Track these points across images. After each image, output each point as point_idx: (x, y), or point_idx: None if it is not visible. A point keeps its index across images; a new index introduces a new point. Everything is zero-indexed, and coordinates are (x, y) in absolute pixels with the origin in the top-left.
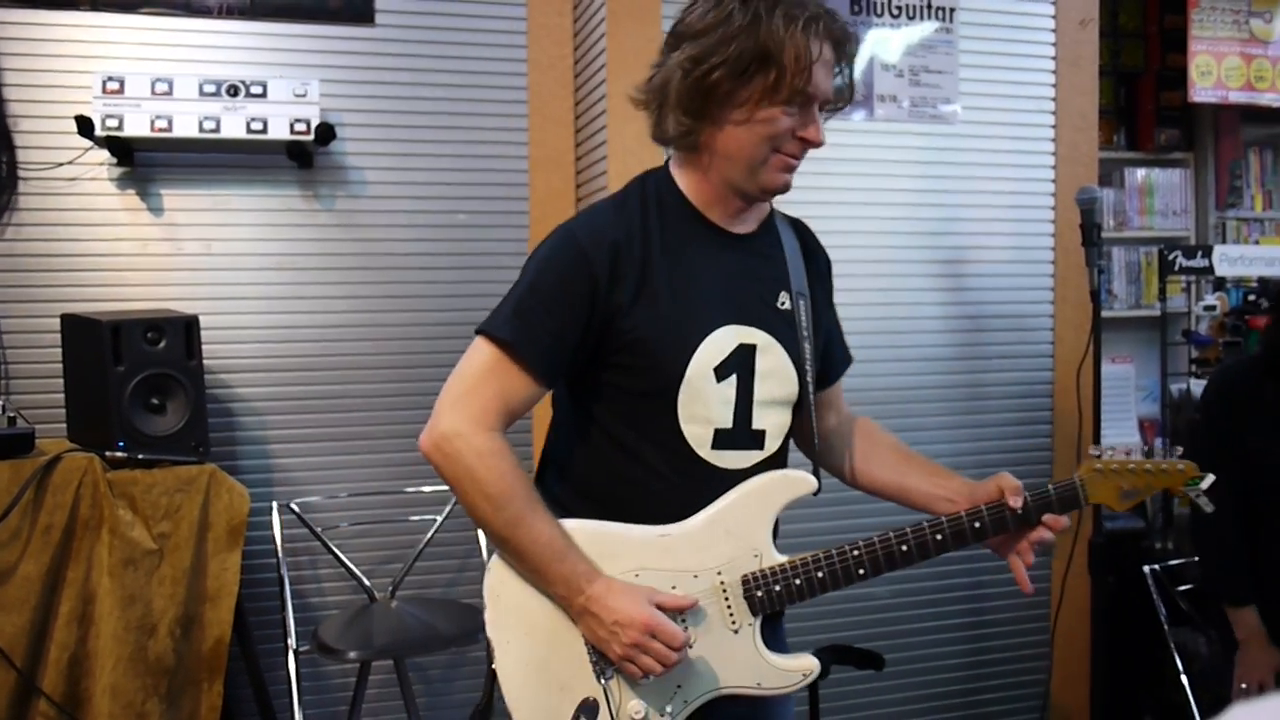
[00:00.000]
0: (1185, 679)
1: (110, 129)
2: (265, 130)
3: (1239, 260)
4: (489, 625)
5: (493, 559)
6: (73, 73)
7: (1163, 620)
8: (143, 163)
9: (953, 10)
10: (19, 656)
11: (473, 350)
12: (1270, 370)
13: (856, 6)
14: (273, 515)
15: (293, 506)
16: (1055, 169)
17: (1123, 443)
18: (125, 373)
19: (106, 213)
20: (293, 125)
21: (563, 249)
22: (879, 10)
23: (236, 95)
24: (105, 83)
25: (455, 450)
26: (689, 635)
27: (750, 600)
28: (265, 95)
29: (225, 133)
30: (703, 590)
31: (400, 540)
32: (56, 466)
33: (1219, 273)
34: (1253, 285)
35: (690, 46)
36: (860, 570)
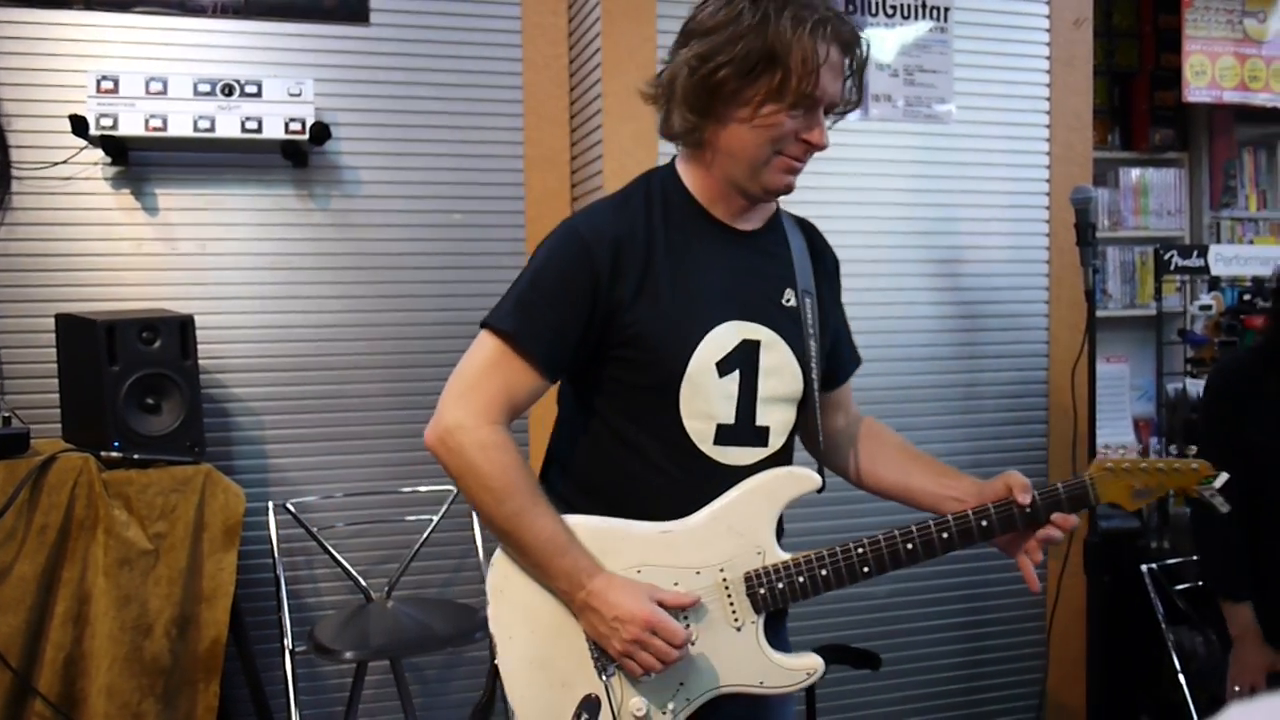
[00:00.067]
0: (1183, 678)
1: (105, 128)
2: (260, 130)
3: (1234, 260)
4: (491, 621)
5: (496, 554)
6: (67, 72)
7: (1160, 620)
8: (137, 162)
9: (947, 10)
10: (14, 657)
11: (476, 345)
12: (1271, 363)
13: (851, 6)
14: (269, 515)
15: (288, 506)
16: (1050, 169)
17: (1118, 442)
18: (120, 372)
19: (101, 212)
20: (287, 124)
21: (565, 244)
22: (874, 10)
23: (231, 94)
24: (100, 82)
25: (459, 444)
26: (690, 632)
27: (753, 597)
28: (260, 94)
29: (220, 132)
30: (705, 587)
31: (396, 540)
32: (52, 466)
33: (1214, 272)
34: (1247, 285)
35: (699, 44)
36: (865, 569)
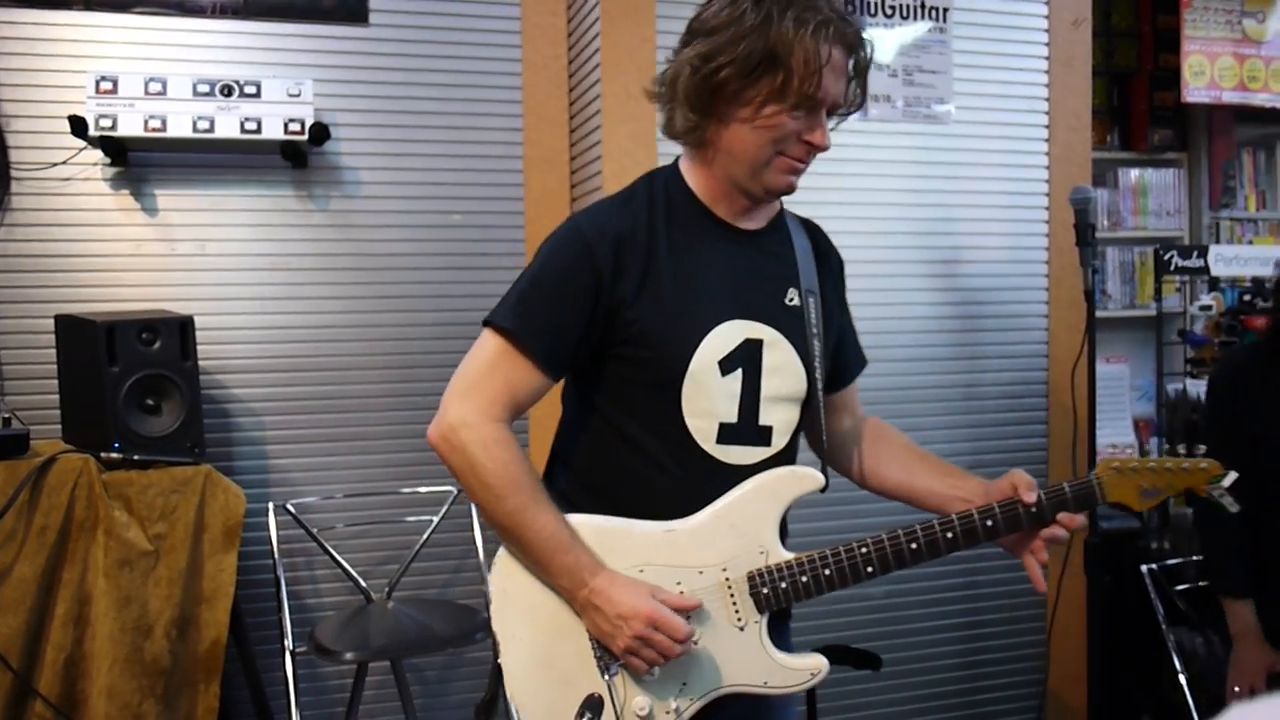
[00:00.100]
0: (1183, 679)
1: (104, 129)
2: (259, 130)
3: (1234, 260)
4: (494, 619)
5: (499, 553)
6: (66, 72)
7: (1161, 620)
8: (137, 163)
9: (946, 10)
10: (15, 658)
11: (479, 343)
12: (1275, 356)
13: (850, 6)
14: (269, 516)
15: (289, 507)
16: (1049, 169)
17: (1119, 442)
18: (120, 373)
19: (100, 213)
20: (287, 125)
21: (567, 242)
22: (873, 10)
23: (230, 95)
24: (99, 82)
25: (461, 441)
26: (693, 630)
27: (756, 597)
28: (259, 95)
29: (219, 133)
30: (707, 587)
31: (397, 541)
32: (52, 468)
33: (1214, 273)
34: (1247, 285)
35: (702, 43)
36: (868, 568)
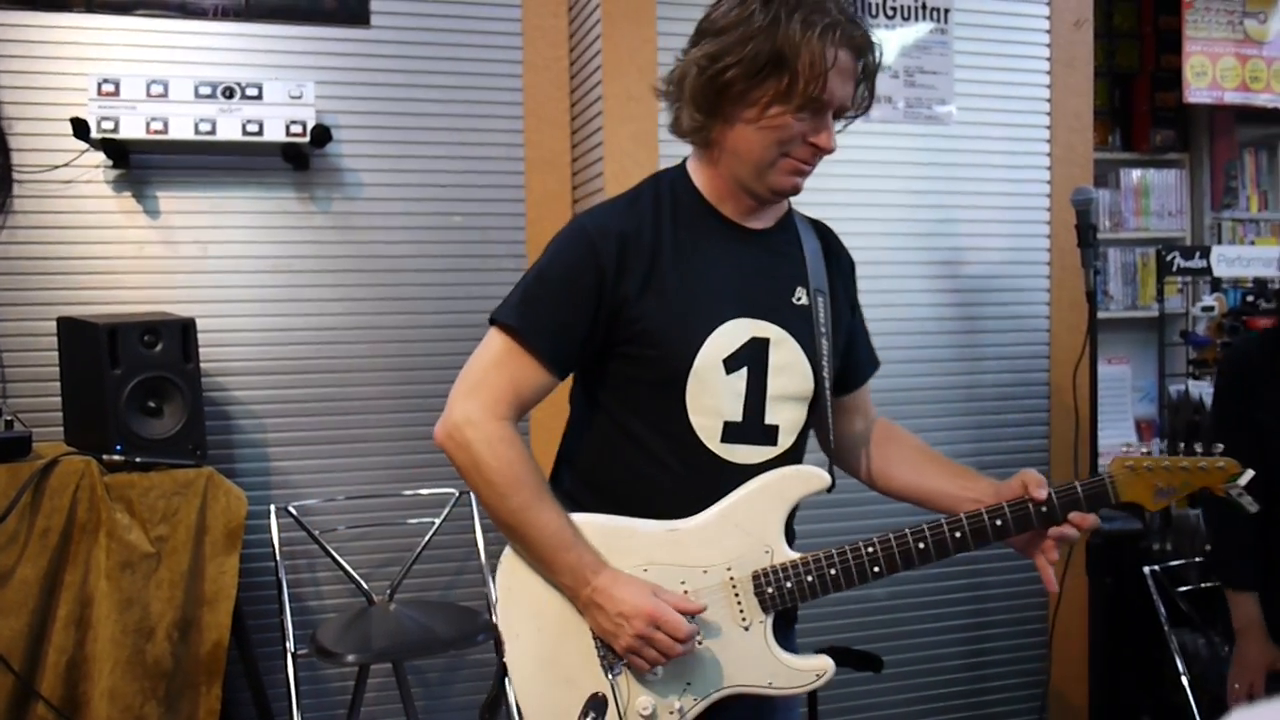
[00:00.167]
0: (1185, 680)
1: (106, 131)
2: (261, 132)
3: (1236, 261)
4: (499, 617)
5: (505, 552)
6: (68, 75)
7: (1163, 621)
8: (138, 165)
9: (947, 11)
10: (17, 660)
11: (485, 340)
12: None
13: (852, 8)
14: (270, 518)
15: (290, 509)
16: (1050, 170)
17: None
18: (122, 376)
19: (102, 215)
20: (288, 127)
21: (571, 241)
22: (874, 11)
23: (232, 97)
24: (100, 85)
25: (465, 439)
26: (695, 628)
27: (761, 597)
28: (261, 97)
29: (221, 135)
30: (712, 586)
31: (398, 543)
32: (54, 470)
33: (1216, 273)
34: (1249, 286)
35: (709, 43)
36: (875, 568)
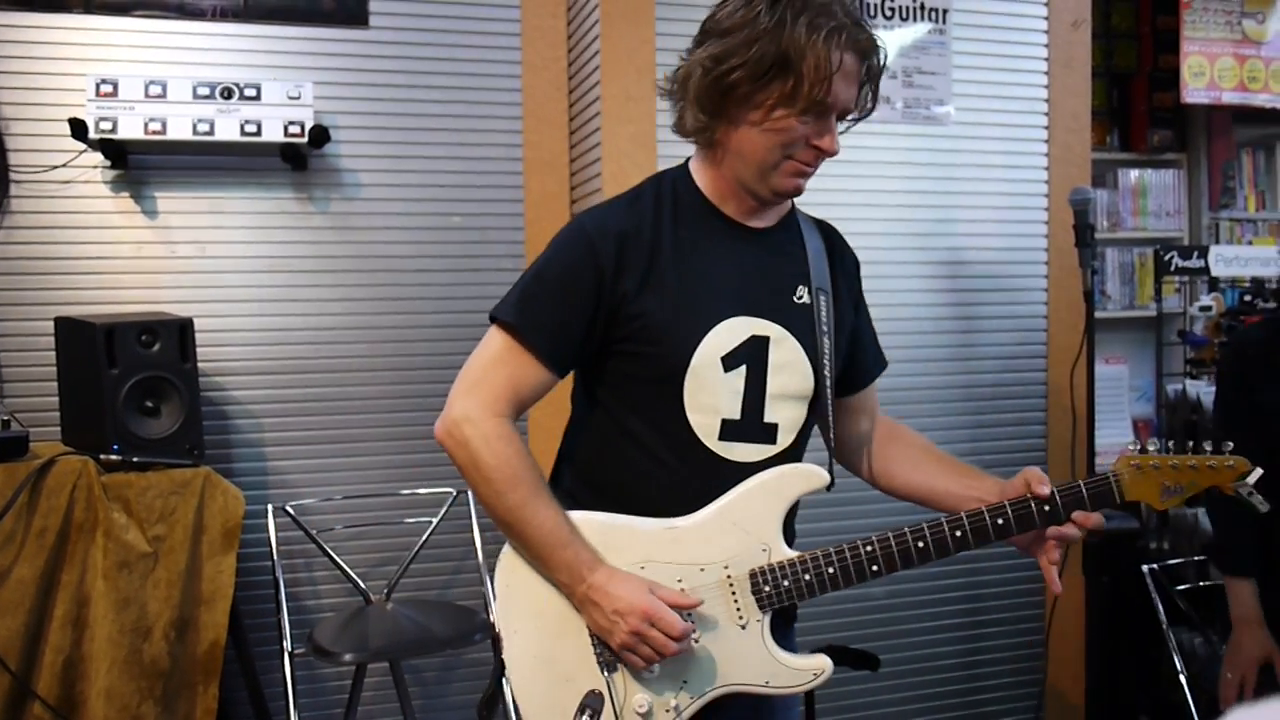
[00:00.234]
0: (1183, 678)
1: (104, 132)
2: (259, 133)
3: (1234, 260)
4: (498, 614)
5: (504, 550)
6: (66, 75)
7: (1161, 620)
8: (136, 165)
9: (945, 12)
10: (13, 660)
11: (485, 338)
12: None
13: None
14: (268, 518)
15: (288, 509)
16: (1048, 170)
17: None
18: (119, 376)
19: (100, 215)
20: (287, 128)
21: (571, 239)
22: (872, 12)
23: (230, 98)
24: (99, 85)
25: (464, 436)
26: (691, 626)
27: (758, 595)
28: (259, 98)
29: (219, 135)
30: (709, 584)
31: (396, 542)
32: (51, 470)
33: (1214, 273)
34: (1247, 285)
35: (714, 44)
36: (873, 567)
